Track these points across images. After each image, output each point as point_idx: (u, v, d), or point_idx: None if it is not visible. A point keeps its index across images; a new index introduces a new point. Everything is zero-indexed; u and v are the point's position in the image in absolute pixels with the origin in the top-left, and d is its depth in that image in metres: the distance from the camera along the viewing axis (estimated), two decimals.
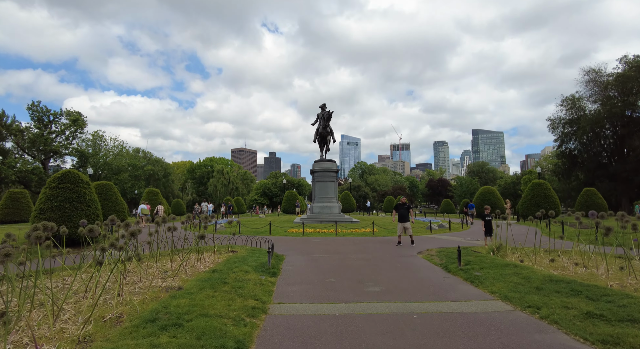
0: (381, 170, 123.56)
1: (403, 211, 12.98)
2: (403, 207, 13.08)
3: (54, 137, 60.47)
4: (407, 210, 13.12)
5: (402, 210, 13.00)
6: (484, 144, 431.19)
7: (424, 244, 13.02)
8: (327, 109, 25.81)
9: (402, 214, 12.93)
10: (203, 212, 27.46)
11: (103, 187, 23.99)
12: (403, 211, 12.99)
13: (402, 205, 13.15)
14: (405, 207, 13.12)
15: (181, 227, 9.96)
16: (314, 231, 16.68)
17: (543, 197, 24.67)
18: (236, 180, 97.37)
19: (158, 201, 31.35)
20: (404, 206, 13.10)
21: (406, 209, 13.09)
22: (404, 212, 12.96)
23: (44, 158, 59.47)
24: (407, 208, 13.14)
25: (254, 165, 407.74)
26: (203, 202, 28.58)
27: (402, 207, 13.07)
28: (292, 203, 44.42)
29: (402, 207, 13.08)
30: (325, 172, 24.92)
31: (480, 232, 17.35)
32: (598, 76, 48.64)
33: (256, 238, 13.21)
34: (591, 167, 49.29)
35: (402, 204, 13.19)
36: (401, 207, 13.08)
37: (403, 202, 13.36)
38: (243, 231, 17.38)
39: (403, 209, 13.02)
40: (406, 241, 13.41)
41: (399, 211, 13.05)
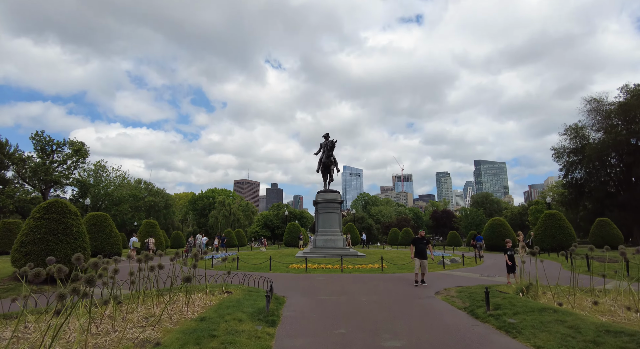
0: (384, 201, 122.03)
1: (422, 246, 11.65)
2: (422, 241, 11.75)
3: (56, 166, 60.35)
4: (426, 245, 11.78)
5: (420, 245, 11.66)
6: (486, 175, 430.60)
7: (440, 282, 11.80)
8: (331, 139, 25.26)
9: (420, 250, 11.58)
10: (197, 245, 26.11)
11: (97, 218, 23.03)
12: (422, 245, 11.65)
13: (421, 239, 11.82)
14: (424, 241, 11.79)
15: (173, 263, 8.88)
16: (318, 267, 15.44)
17: (558, 228, 23.44)
18: (237, 211, 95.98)
19: (156, 232, 30.22)
20: (422, 241, 11.77)
21: (425, 243, 11.76)
22: (422, 247, 11.62)
23: (44, 188, 58.99)
24: (426, 243, 11.82)
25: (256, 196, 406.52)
26: (198, 235, 27.27)
27: (420, 242, 11.73)
28: (294, 235, 43.00)
29: (421, 241, 11.75)
30: (329, 203, 23.92)
31: (497, 267, 16.13)
32: (600, 105, 49.02)
33: (254, 276, 12.04)
34: (599, 196, 48.64)
35: (420, 238, 11.87)
36: (419, 242, 11.74)
37: (422, 236, 12.04)
38: (241, 266, 16.15)
39: (422, 244, 11.69)
40: None
41: (417, 246, 11.68)
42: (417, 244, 11.72)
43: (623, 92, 46.62)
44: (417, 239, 11.88)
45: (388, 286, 10.93)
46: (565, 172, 52.49)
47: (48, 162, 59.06)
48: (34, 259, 11.64)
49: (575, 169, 52.15)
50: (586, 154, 47.78)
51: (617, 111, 45.78)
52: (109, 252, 22.08)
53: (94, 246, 21.89)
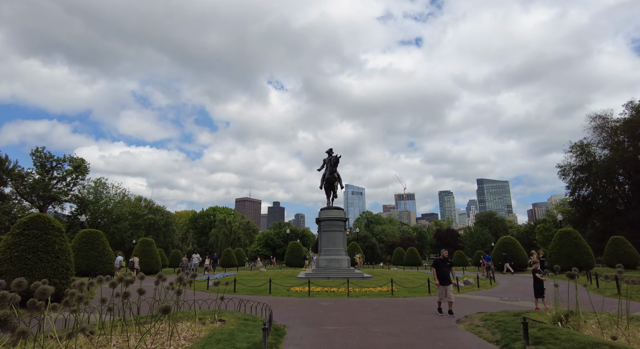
0: (387, 220, 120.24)
1: (445, 269, 9.97)
2: (445, 264, 10.11)
3: (55, 183, 59.70)
4: (450, 268, 10.14)
5: (444, 268, 10.00)
6: (489, 194, 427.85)
7: (458, 307, 10.58)
8: (335, 154, 24.38)
9: (443, 274, 9.89)
10: (192, 266, 24.80)
11: (90, 235, 21.97)
12: (445, 269, 9.99)
13: (444, 261, 10.20)
14: (448, 264, 10.17)
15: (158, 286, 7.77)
16: (322, 290, 14.20)
17: (574, 247, 22.15)
18: (238, 230, 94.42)
19: (151, 251, 28.97)
20: (446, 263, 10.14)
21: (448, 266, 10.13)
22: (446, 271, 9.93)
23: (42, 204, 58.13)
24: (450, 265, 10.19)
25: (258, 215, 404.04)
26: (193, 254, 26.03)
27: (443, 264, 10.07)
28: (296, 255, 41.56)
29: (444, 264, 10.10)
30: (333, 221, 22.80)
31: (515, 290, 14.82)
32: (605, 122, 48.80)
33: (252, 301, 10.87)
34: (608, 214, 47.75)
35: (443, 260, 10.23)
36: (442, 264, 10.08)
37: (444, 257, 10.45)
38: (239, 289, 14.94)
39: (445, 267, 10.03)
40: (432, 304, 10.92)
41: (440, 270, 9.98)
42: (439, 267, 10.07)
43: (628, 109, 46.45)
44: (439, 262, 10.22)
45: (402, 313, 9.69)
46: (572, 190, 51.75)
47: (47, 179, 58.46)
48: (10, 280, 10.53)
49: (582, 187, 51.51)
50: (593, 171, 47.24)
51: (623, 127, 45.53)
52: (101, 272, 20.89)
53: (85, 264, 20.78)
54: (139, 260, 24.79)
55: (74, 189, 62.29)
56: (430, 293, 13.59)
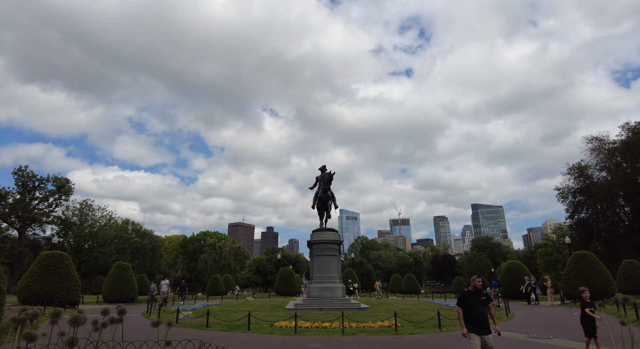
0: (383, 245, 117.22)
1: (480, 308, 6.07)
2: (479, 297, 6.20)
3: (36, 203, 57.02)
4: (487, 302, 6.25)
5: (477, 305, 6.08)
6: (484, 219, 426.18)
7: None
8: (328, 171, 22.54)
9: (478, 313, 6.02)
10: (162, 293, 22.13)
11: (52, 258, 19.59)
12: (479, 307, 6.08)
13: (476, 295, 6.24)
14: (483, 299, 6.21)
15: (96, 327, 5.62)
16: (312, 326, 11.91)
17: (592, 272, 20.15)
18: (228, 256, 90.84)
19: (127, 277, 26.39)
20: (479, 297, 6.19)
21: (484, 302, 6.20)
22: (481, 309, 6.07)
23: (20, 226, 55.17)
24: (486, 301, 6.25)
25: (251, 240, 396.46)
26: (162, 281, 23.45)
27: (476, 300, 6.16)
28: (287, 282, 38.78)
29: (477, 298, 6.18)
30: (326, 244, 20.65)
31: (536, 322, 12.66)
32: (602, 144, 48.57)
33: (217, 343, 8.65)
34: (610, 238, 46.64)
35: (475, 293, 6.25)
36: (474, 300, 6.15)
37: (477, 287, 6.34)
38: (213, 324, 12.61)
39: (479, 304, 6.12)
40: None
41: (472, 309, 6.06)
42: (470, 304, 6.08)
43: (624, 130, 46.30)
44: (468, 295, 6.21)
45: None
46: (572, 213, 50.83)
47: (28, 199, 55.81)
48: None
49: (582, 209, 50.70)
50: (593, 193, 46.44)
51: (621, 149, 45.09)
52: (62, 300, 18.38)
53: (44, 291, 18.32)
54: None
55: (57, 210, 59.63)
56: (442, 328, 11.39)
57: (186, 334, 10.51)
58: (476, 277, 6.54)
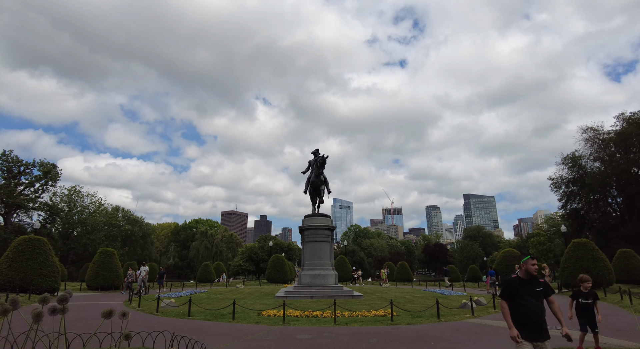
0: (376, 234, 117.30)
1: (533, 303, 4.12)
2: (534, 287, 4.20)
3: (22, 189, 55.45)
4: (546, 295, 4.25)
5: (530, 299, 4.13)
6: (475, 209, 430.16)
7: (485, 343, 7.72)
8: (321, 155, 21.56)
9: (532, 310, 4.10)
10: (140, 280, 21.06)
11: (29, 243, 18.53)
12: (533, 301, 4.13)
13: (532, 282, 4.22)
14: (540, 288, 4.20)
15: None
16: (302, 315, 11.13)
17: (591, 261, 19.65)
18: (220, 243, 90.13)
19: (112, 264, 25.41)
20: (536, 286, 4.20)
21: (543, 292, 4.21)
22: (536, 305, 4.12)
23: (5, 212, 53.67)
24: (545, 291, 4.24)
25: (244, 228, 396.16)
26: (142, 266, 22.21)
27: (529, 289, 4.19)
28: (279, 270, 38.15)
29: (532, 287, 4.20)
30: (319, 230, 19.83)
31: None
32: (596, 134, 48.34)
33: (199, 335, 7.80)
34: (602, 228, 46.72)
35: (528, 281, 4.24)
36: (527, 289, 4.19)
37: (531, 273, 4.26)
38: (195, 312, 11.77)
39: (534, 293, 4.17)
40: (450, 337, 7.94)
41: (524, 302, 4.15)
42: (519, 295, 4.19)
43: (619, 121, 46.02)
44: (517, 284, 4.25)
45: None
46: (564, 203, 50.87)
47: (13, 184, 54.19)
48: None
49: (574, 199, 50.75)
50: (586, 183, 46.37)
51: (615, 139, 44.85)
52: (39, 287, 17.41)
53: (20, 278, 17.34)
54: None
55: (44, 196, 58.13)
56: (440, 318, 10.67)
57: (164, 324, 9.65)
58: (530, 258, 4.27)
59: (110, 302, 15.74)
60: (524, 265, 4.30)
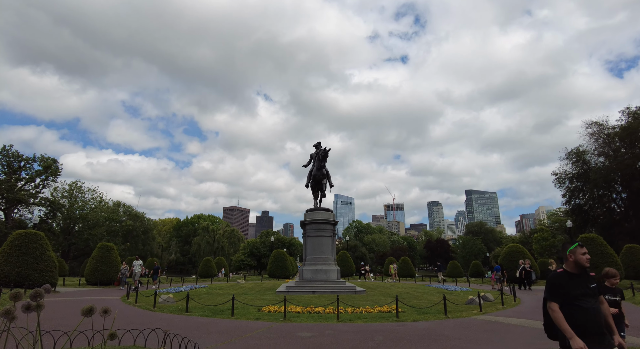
0: (377, 229, 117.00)
1: (591, 304, 3.32)
2: (587, 284, 3.39)
3: (23, 184, 55.28)
4: (601, 293, 3.60)
5: (587, 300, 3.31)
6: (477, 205, 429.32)
7: (497, 339, 7.30)
8: (323, 148, 21.09)
9: (591, 313, 3.28)
10: (134, 275, 20.66)
11: (25, 238, 18.18)
12: (591, 302, 3.33)
13: (584, 278, 3.41)
14: (594, 285, 3.40)
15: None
16: (303, 311, 10.74)
17: (600, 256, 19.18)
18: (222, 238, 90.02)
19: (111, 258, 25.10)
20: (589, 282, 3.41)
21: (597, 290, 3.43)
22: (594, 306, 3.33)
23: (6, 207, 53.50)
24: (600, 289, 3.62)
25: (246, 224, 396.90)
26: (135, 261, 21.59)
27: (583, 286, 3.36)
28: (280, 265, 37.87)
29: (586, 283, 3.38)
30: (321, 225, 19.42)
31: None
32: (601, 129, 47.68)
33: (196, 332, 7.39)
34: (606, 224, 46.21)
35: (579, 277, 3.41)
36: (581, 287, 3.35)
37: (583, 265, 3.41)
38: (193, 308, 11.39)
39: (589, 292, 3.35)
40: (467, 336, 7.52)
41: (580, 304, 3.30)
42: (572, 296, 3.31)
43: (625, 115, 45.32)
44: (567, 281, 3.38)
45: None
46: (568, 198, 50.38)
47: (14, 179, 53.99)
48: None
49: (579, 195, 50.25)
50: (591, 178, 45.83)
51: (620, 134, 44.23)
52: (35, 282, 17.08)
53: (16, 272, 17.02)
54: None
55: (44, 191, 57.95)
56: (448, 314, 10.25)
57: (160, 321, 9.26)
58: (578, 245, 3.45)
59: (107, 297, 15.40)
60: (571, 255, 3.42)
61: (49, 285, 3.88)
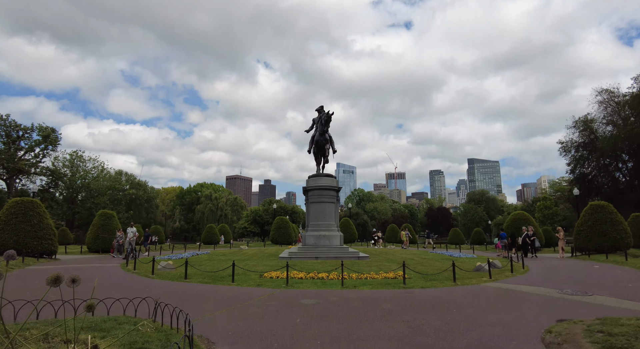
0: (379, 198, 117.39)
1: None
2: None
3: (22, 154, 54.83)
4: None
5: None
6: (479, 174, 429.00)
7: (512, 309, 6.87)
8: (326, 111, 20.09)
9: None
10: (127, 242, 20.22)
11: (22, 205, 17.76)
12: None
13: None
14: None
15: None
16: (306, 277, 10.39)
17: (609, 224, 18.71)
18: (225, 206, 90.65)
19: (112, 226, 24.90)
20: None
21: None
22: None
23: (7, 177, 53.31)
24: None
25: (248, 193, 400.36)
26: (129, 228, 20.49)
27: None
28: (283, 232, 37.99)
29: None
30: (323, 191, 18.88)
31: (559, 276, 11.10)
32: (611, 97, 45.96)
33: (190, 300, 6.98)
34: (610, 193, 45.62)
35: None
36: None
37: None
38: (192, 275, 11.06)
39: None
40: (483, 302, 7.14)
41: None
42: None
43: (637, 82, 43.44)
44: None
45: (434, 322, 5.80)
46: (573, 167, 49.60)
47: (13, 149, 53.43)
48: None
49: (584, 164, 49.41)
50: (598, 147, 44.81)
51: (631, 102, 42.62)
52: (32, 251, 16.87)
53: (14, 241, 16.76)
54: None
55: (45, 161, 57.56)
56: (457, 281, 9.86)
57: (156, 288, 8.90)
58: None
59: (106, 265, 15.19)
60: None
61: (14, 251, 3.44)
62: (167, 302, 6.98)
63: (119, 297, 7.25)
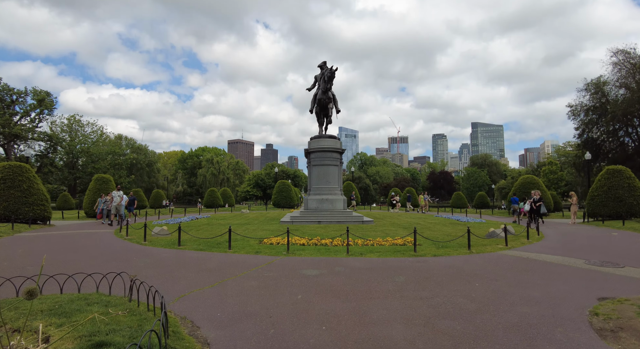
0: (381, 162, 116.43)
1: None
2: None
3: (18, 119, 53.55)
4: None
5: None
6: (482, 138, 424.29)
7: (540, 280, 6.14)
8: (329, 66, 18.58)
9: None
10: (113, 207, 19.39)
11: (10, 170, 16.96)
12: None
13: None
14: None
15: None
16: (309, 243, 9.70)
17: (626, 189, 17.87)
18: (227, 170, 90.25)
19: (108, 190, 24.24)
20: None
21: None
22: None
23: (4, 142, 52.42)
24: None
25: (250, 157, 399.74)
26: (115, 191, 19.04)
27: None
28: (285, 195, 37.51)
29: None
30: (326, 153, 17.92)
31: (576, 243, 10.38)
32: (627, 58, 43.14)
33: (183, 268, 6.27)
34: (618, 158, 44.35)
35: None
36: None
37: None
38: (186, 241, 10.39)
39: None
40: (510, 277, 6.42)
41: None
42: None
43: None
44: None
45: (457, 299, 4.92)
46: (582, 132, 47.97)
47: (8, 114, 52.05)
48: None
49: (592, 128, 47.72)
50: (609, 110, 42.96)
51: None
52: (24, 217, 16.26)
53: (4, 207, 16.11)
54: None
55: (42, 126, 56.33)
56: (471, 249, 9.13)
57: (144, 257, 8.20)
58: None
59: (100, 230, 14.60)
60: None
61: None
62: (153, 273, 6.28)
63: (103, 266, 6.58)
